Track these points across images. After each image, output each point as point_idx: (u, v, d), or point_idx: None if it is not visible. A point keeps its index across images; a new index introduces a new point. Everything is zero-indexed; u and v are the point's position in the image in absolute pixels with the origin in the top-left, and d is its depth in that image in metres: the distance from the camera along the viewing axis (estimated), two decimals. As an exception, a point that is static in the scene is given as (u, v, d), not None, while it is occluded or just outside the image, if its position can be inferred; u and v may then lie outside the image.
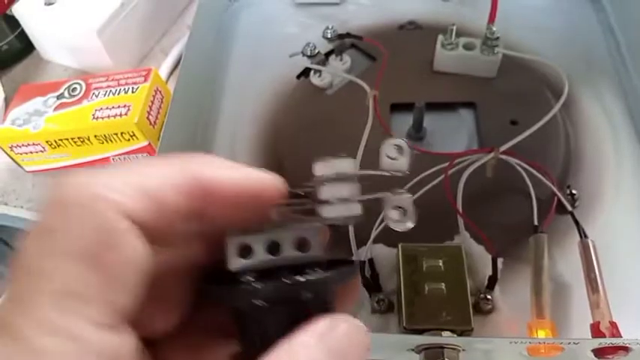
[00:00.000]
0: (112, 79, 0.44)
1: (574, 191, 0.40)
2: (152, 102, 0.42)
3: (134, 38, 0.54)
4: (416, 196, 0.38)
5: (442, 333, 0.31)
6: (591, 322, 0.33)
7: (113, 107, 0.41)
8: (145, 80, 0.43)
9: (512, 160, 0.39)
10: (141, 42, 0.55)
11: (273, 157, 0.45)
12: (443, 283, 0.33)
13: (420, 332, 0.32)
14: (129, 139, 0.41)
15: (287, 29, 0.54)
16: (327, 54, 0.50)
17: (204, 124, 0.47)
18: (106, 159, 0.43)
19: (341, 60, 0.49)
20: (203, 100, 0.47)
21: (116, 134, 0.41)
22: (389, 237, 0.37)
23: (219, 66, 0.51)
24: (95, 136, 0.41)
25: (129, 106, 0.41)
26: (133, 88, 0.42)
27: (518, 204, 0.39)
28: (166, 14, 0.58)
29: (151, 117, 0.42)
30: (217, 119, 0.48)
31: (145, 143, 0.42)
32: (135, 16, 0.53)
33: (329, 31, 0.50)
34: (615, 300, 0.33)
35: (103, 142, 0.42)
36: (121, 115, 0.41)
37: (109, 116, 0.41)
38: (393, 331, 0.34)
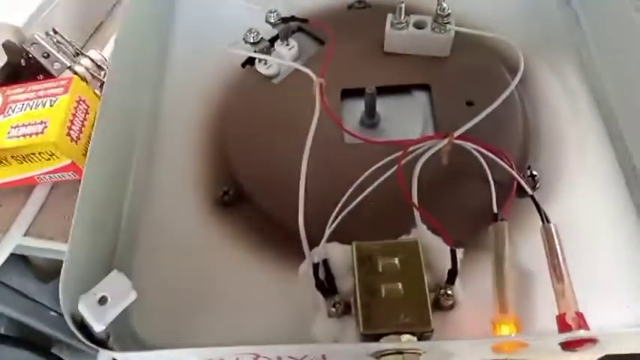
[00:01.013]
0: (30, 91, 0.39)
1: (534, 172, 0.38)
2: (74, 115, 0.38)
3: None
4: (369, 189, 0.36)
5: (401, 337, 0.29)
6: (557, 312, 0.31)
7: (30, 124, 0.37)
8: (65, 91, 0.38)
9: (469, 145, 0.37)
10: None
11: (219, 151, 0.42)
12: (400, 283, 0.31)
13: (378, 337, 0.29)
14: (49, 159, 0.37)
15: (230, 14, 0.51)
16: (272, 40, 0.47)
17: (143, 120, 0.43)
18: (30, 178, 0.39)
19: (287, 45, 0.46)
20: (140, 95, 0.44)
21: (34, 154, 0.37)
22: (343, 235, 0.35)
23: (156, 58, 0.48)
24: (12, 157, 0.37)
25: (45, 123, 0.37)
26: (51, 100, 0.38)
27: (477, 190, 0.37)
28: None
29: (72, 132, 0.37)
30: (158, 114, 0.45)
31: (67, 162, 0.38)
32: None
33: (272, 15, 0.47)
34: (581, 284, 0.32)
35: (22, 162, 0.38)
36: (37, 133, 0.37)
37: (24, 135, 0.37)
38: (352, 336, 0.32)
